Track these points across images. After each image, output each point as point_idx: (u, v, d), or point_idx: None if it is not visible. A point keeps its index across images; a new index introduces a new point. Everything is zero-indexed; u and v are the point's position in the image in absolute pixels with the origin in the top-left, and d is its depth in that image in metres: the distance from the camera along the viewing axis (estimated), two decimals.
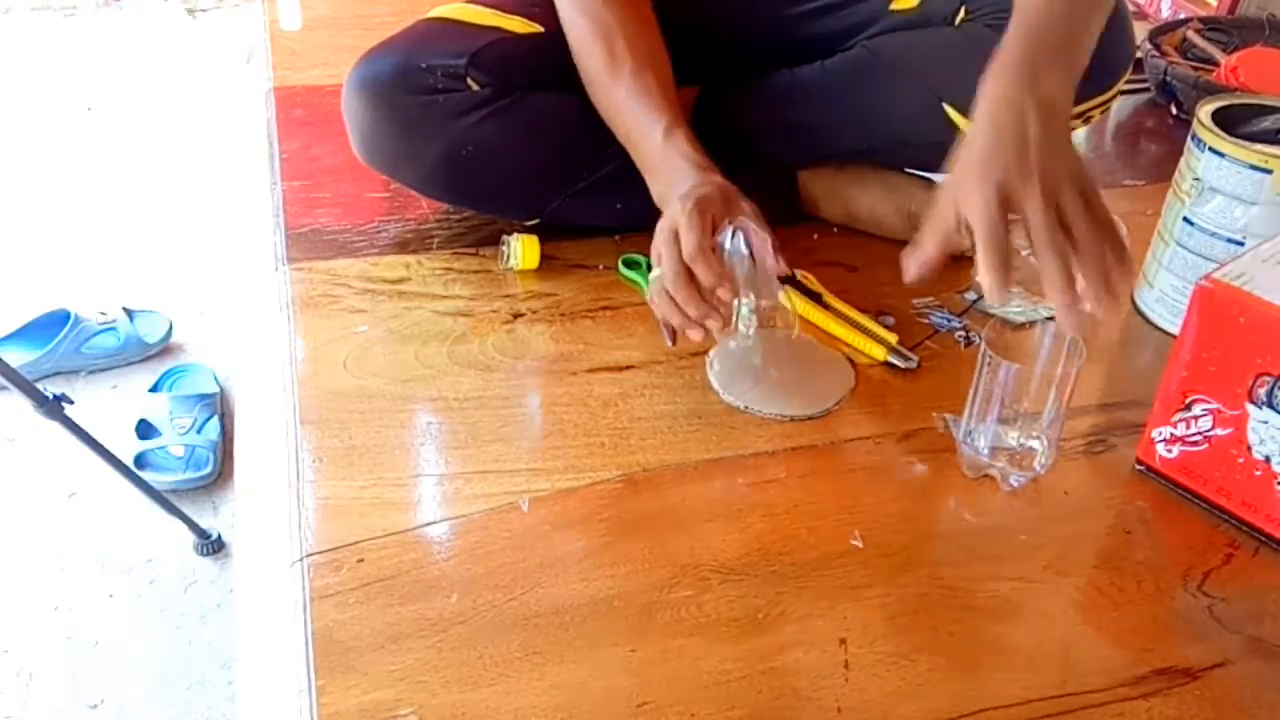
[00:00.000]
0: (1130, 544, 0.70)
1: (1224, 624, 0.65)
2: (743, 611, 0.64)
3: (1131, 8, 1.51)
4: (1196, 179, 0.84)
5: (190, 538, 1.35)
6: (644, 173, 0.84)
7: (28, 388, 1.22)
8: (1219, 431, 0.70)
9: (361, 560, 0.66)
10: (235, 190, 1.62)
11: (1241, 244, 0.83)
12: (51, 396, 1.24)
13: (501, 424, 0.77)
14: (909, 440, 0.77)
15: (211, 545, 1.36)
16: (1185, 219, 0.86)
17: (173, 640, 1.25)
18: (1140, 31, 1.15)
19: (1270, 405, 0.67)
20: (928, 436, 0.77)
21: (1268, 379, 0.67)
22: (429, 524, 0.69)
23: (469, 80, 0.88)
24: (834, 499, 0.72)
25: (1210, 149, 0.82)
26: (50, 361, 1.60)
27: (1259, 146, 0.80)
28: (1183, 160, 0.86)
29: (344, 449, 0.74)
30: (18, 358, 1.57)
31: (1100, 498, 0.74)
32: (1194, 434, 0.71)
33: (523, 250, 0.91)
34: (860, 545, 0.68)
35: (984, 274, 0.65)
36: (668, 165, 0.82)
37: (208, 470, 1.46)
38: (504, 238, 0.93)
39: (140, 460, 1.45)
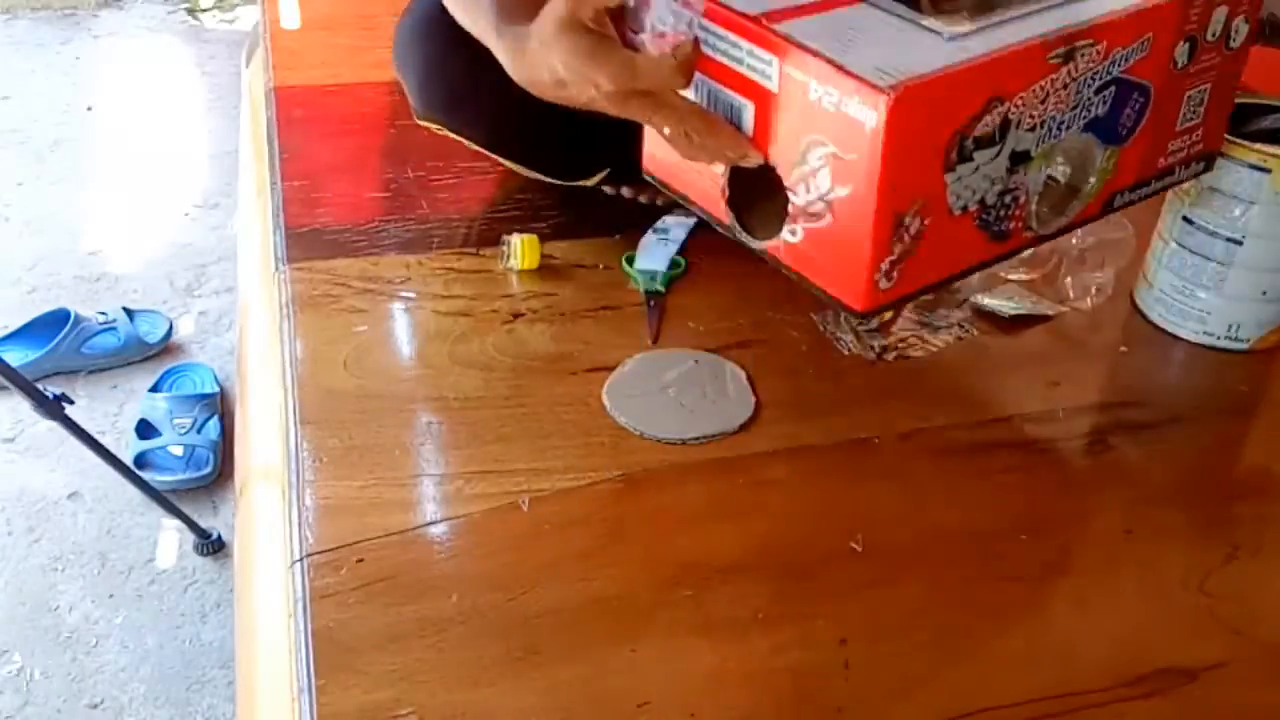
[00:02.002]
0: (1130, 544, 0.70)
1: (1224, 624, 0.65)
2: (743, 611, 0.64)
3: None
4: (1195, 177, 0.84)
5: (190, 538, 1.36)
6: (504, 66, 0.75)
7: (28, 388, 1.23)
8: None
9: (361, 560, 0.66)
10: (235, 190, 1.62)
11: (1241, 243, 0.83)
12: (51, 396, 1.25)
13: (501, 424, 0.77)
14: (909, 440, 0.77)
15: (211, 545, 1.36)
16: (1184, 218, 0.86)
17: (173, 640, 1.25)
18: None
19: (963, 160, 0.63)
20: (928, 436, 0.77)
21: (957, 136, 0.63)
22: (429, 524, 0.69)
23: None
24: (834, 499, 0.72)
25: None
26: (50, 361, 1.61)
27: (1259, 145, 0.81)
28: None
29: (344, 449, 0.74)
30: (18, 358, 1.57)
31: (1100, 497, 0.74)
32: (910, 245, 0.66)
33: (523, 250, 0.91)
34: (860, 549, 0.68)
35: None
36: (507, 40, 0.73)
37: (208, 470, 1.46)
38: (504, 238, 0.93)
39: (140, 460, 1.45)
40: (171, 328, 1.70)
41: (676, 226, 0.95)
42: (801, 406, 0.79)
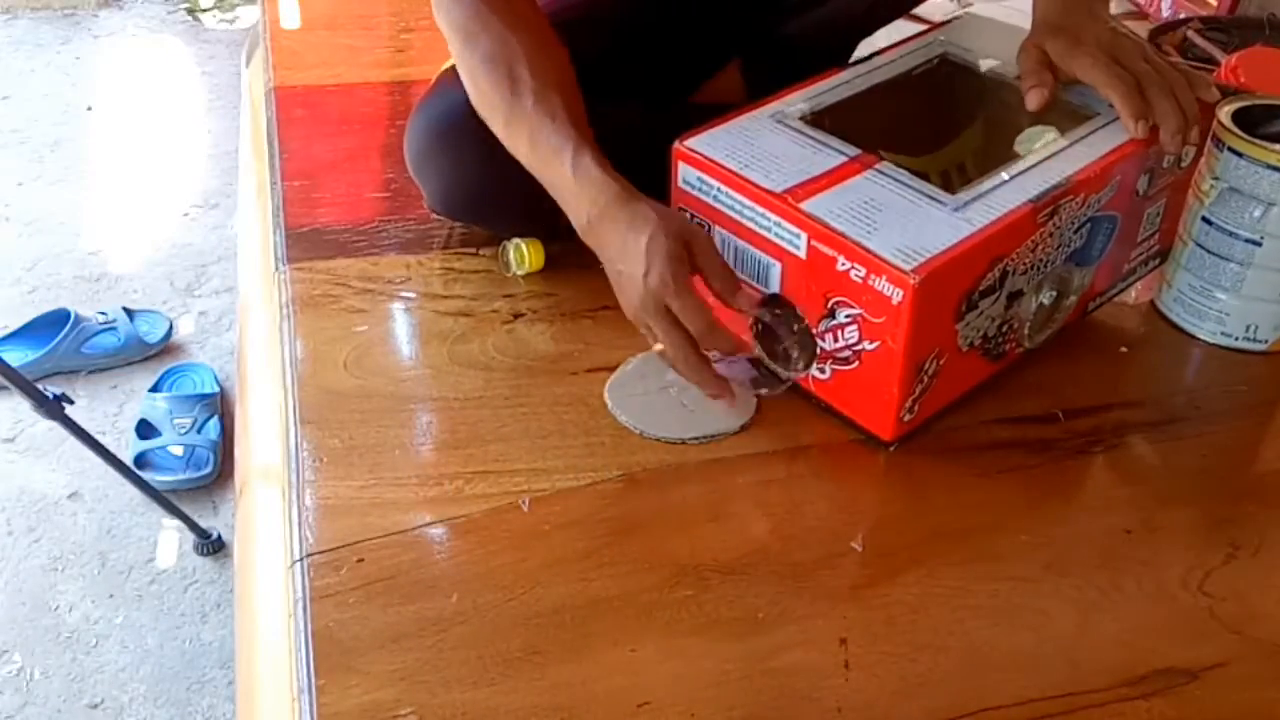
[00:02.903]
0: (1130, 544, 0.70)
1: (1224, 624, 0.65)
2: (743, 611, 0.64)
3: (1131, 7, 1.51)
4: (1215, 178, 0.84)
5: (190, 538, 1.36)
6: (559, 200, 0.79)
7: (28, 388, 1.22)
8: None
9: (361, 560, 0.66)
10: (235, 190, 1.62)
11: (1259, 244, 0.83)
12: (51, 396, 1.24)
13: (501, 424, 0.77)
14: (909, 440, 0.77)
15: (211, 545, 1.36)
16: (1204, 218, 0.86)
17: (173, 640, 1.25)
18: (1140, 31, 1.15)
19: (970, 309, 0.72)
20: (927, 436, 0.77)
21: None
22: (429, 524, 0.69)
23: None
24: (834, 499, 0.72)
25: (1229, 149, 0.82)
26: (50, 361, 1.60)
27: (1278, 147, 0.81)
28: (1202, 160, 0.86)
29: (344, 449, 0.74)
30: (18, 358, 1.57)
31: (1101, 497, 0.74)
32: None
33: (529, 254, 0.91)
34: (860, 549, 0.68)
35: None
36: (587, 188, 0.76)
37: (208, 470, 1.46)
38: (503, 244, 0.93)
39: (140, 460, 1.45)
40: (171, 328, 1.70)
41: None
42: (802, 406, 0.79)
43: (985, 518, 0.71)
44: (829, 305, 0.72)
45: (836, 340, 0.73)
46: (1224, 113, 0.85)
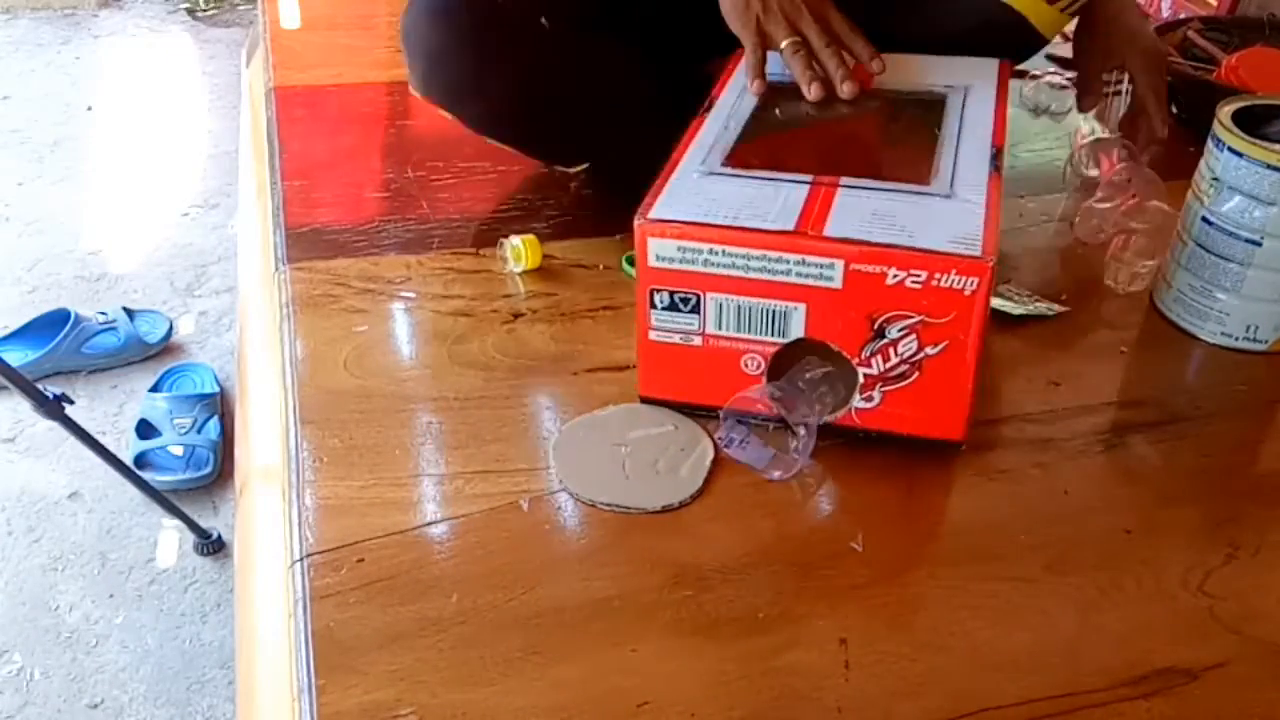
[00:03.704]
0: (1130, 544, 0.70)
1: (1224, 624, 0.65)
2: (743, 611, 0.64)
3: None
4: (1215, 178, 0.84)
5: (190, 538, 1.36)
6: None
7: (28, 388, 1.23)
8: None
9: (361, 560, 0.66)
10: (235, 190, 1.62)
11: (1259, 244, 0.83)
12: (51, 396, 1.24)
13: (501, 424, 0.77)
14: (910, 440, 0.77)
15: (211, 545, 1.36)
16: (1204, 218, 0.86)
17: (173, 640, 1.25)
18: None
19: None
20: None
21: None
22: (429, 524, 0.69)
23: (541, 18, 0.89)
24: (834, 498, 0.72)
25: (1229, 149, 0.82)
26: (50, 361, 1.61)
27: (1278, 147, 0.81)
28: (1202, 160, 0.86)
29: (344, 449, 0.74)
30: (18, 358, 1.57)
31: (1101, 497, 0.74)
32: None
33: (525, 251, 0.91)
34: (860, 549, 0.68)
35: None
36: None
37: (208, 470, 1.46)
38: (501, 241, 0.93)
39: (140, 460, 1.45)
40: (171, 328, 1.70)
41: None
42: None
43: (985, 518, 0.71)
44: (876, 326, 0.70)
45: (887, 360, 0.71)
46: (1224, 112, 0.85)
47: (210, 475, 1.46)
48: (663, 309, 0.73)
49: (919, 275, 0.67)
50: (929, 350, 0.70)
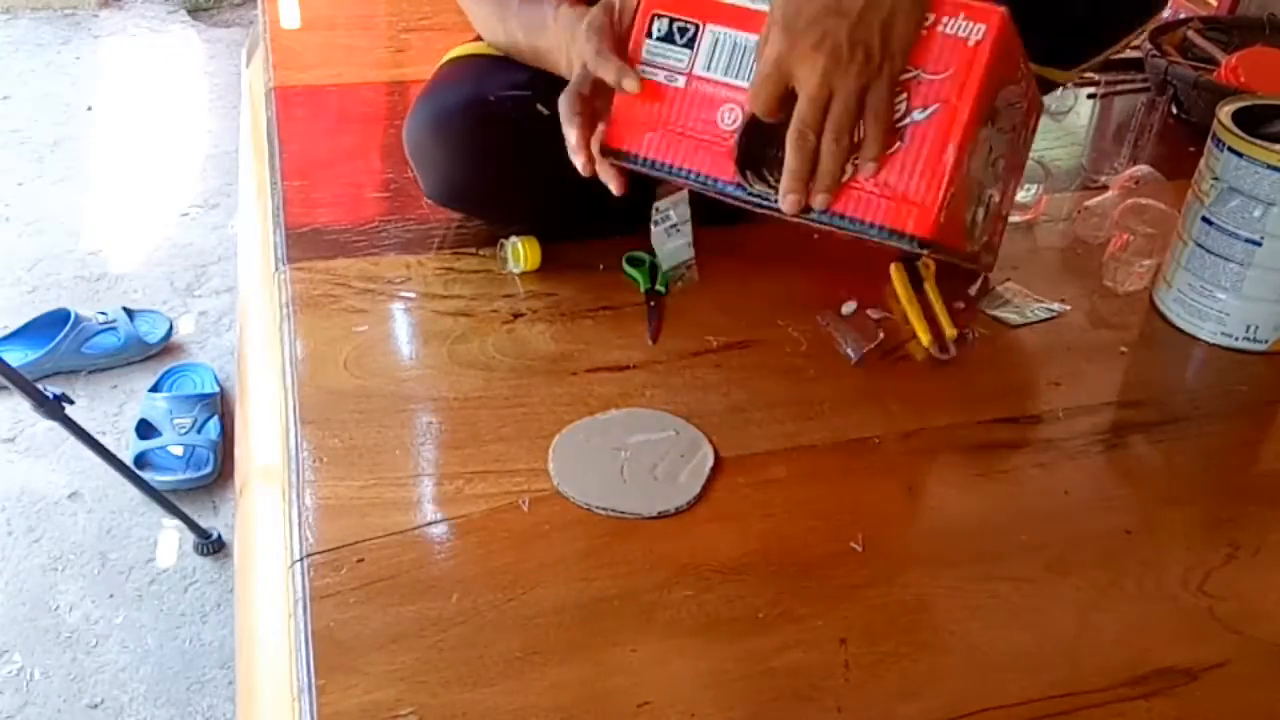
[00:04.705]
0: (1130, 544, 0.70)
1: (1224, 624, 0.65)
2: (743, 611, 0.64)
3: None
4: (1215, 179, 0.84)
5: (190, 538, 1.36)
6: (553, 66, 0.83)
7: (28, 388, 1.22)
8: None
9: (361, 560, 0.66)
10: (235, 190, 1.62)
11: (1259, 244, 0.83)
12: (51, 396, 1.24)
13: (501, 424, 0.77)
14: (909, 440, 0.77)
15: (211, 545, 1.36)
16: (1204, 218, 0.86)
17: (173, 640, 1.25)
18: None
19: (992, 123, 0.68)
20: (928, 436, 0.77)
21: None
22: (429, 524, 0.69)
23: (538, 106, 0.85)
24: (834, 499, 0.72)
25: (1229, 149, 0.82)
26: (50, 361, 1.61)
27: (1278, 147, 0.81)
28: (1202, 160, 0.86)
29: (344, 449, 0.74)
30: (18, 358, 1.57)
31: (1101, 497, 0.74)
32: None
33: (524, 251, 0.91)
34: (860, 549, 0.68)
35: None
36: (566, 27, 0.80)
37: (208, 470, 1.46)
38: (501, 241, 0.93)
39: (140, 460, 1.45)
40: (171, 328, 1.70)
41: (673, 208, 0.89)
42: (801, 406, 0.79)
43: (985, 518, 0.71)
44: None
45: None
46: (1224, 112, 0.85)
47: (210, 475, 1.46)
48: (658, 38, 0.71)
49: (925, 17, 0.63)
50: (915, 114, 0.64)
